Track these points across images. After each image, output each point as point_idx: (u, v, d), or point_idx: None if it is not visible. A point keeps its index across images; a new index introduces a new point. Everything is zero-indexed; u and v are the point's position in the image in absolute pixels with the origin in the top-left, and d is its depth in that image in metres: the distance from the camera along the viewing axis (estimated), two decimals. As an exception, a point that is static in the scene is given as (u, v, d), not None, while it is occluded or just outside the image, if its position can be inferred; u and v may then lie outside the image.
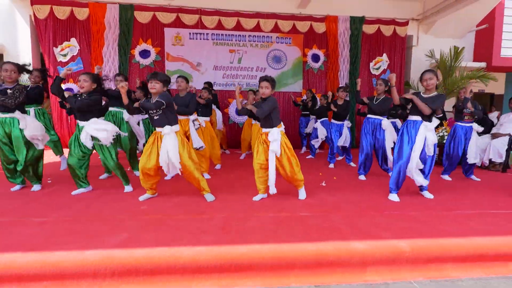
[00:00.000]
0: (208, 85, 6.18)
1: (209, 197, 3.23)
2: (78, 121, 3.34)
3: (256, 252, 2.03)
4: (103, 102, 3.73)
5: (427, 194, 3.44)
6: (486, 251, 2.16)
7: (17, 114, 3.27)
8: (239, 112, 3.38)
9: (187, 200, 3.18)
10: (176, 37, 7.70)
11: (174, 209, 2.91)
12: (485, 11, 8.24)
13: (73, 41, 7.36)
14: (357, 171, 4.56)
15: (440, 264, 2.10)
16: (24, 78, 6.09)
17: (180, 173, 3.08)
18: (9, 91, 3.18)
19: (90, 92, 3.28)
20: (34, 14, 7.12)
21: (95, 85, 3.33)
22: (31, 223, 2.44)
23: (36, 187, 3.53)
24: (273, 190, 3.15)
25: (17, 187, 3.54)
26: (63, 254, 1.91)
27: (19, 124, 3.28)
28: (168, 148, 2.93)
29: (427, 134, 3.20)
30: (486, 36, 8.83)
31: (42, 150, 3.57)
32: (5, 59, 7.45)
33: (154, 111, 2.97)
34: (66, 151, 4.60)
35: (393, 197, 3.35)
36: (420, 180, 3.31)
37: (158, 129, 3.06)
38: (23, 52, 7.44)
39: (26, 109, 3.51)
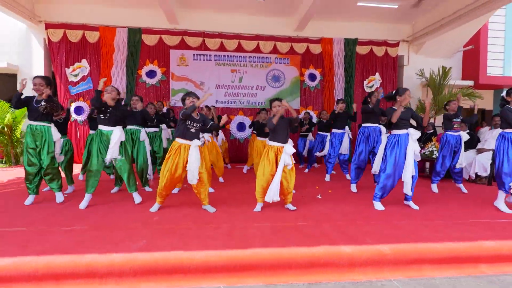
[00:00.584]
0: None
1: (210, 208, 3.56)
2: (103, 126, 3.62)
3: (258, 255, 2.35)
4: None
5: (412, 205, 3.76)
6: (457, 254, 2.49)
7: (50, 124, 3.68)
8: (269, 126, 3.51)
9: (195, 212, 3.50)
10: (181, 58, 8.19)
11: (184, 219, 3.23)
12: (471, 33, 8.77)
13: (84, 62, 7.84)
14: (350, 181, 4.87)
15: (418, 265, 2.42)
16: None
17: (196, 181, 3.36)
18: (43, 103, 3.54)
19: (116, 101, 3.75)
20: (48, 37, 7.63)
21: (119, 96, 3.80)
22: (60, 231, 2.76)
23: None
24: (276, 197, 3.39)
25: (30, 199, 3.71)
26: (93, 257, 2.23)
27: (51, 131, 3.66)
28: (196, 158, 3.30)
29: (413, 144, 3.57)
30: (472, 56, 9.36)
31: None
32: (18, 79, 7.89)
33: (197, 124, 3.38)
34: (75, 165, 4.93)
35: (378, 205, 3.69)
36: (408, 189, 3.62)
37: (184, 141, 3.36)
38: (36, 72, 7.84)
39: None
